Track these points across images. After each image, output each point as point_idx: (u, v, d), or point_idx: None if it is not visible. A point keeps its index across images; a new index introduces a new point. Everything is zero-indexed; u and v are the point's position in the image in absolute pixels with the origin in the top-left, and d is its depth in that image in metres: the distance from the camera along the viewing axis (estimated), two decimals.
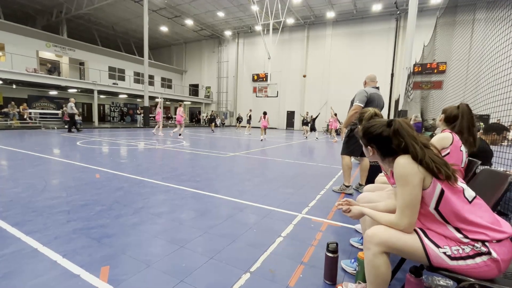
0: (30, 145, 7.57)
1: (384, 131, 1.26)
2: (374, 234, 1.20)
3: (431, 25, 14.53)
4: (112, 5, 19.54)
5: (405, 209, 1.15)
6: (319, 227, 2.49)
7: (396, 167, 1.17)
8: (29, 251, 1.85)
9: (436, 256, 1.11)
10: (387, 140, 1.24)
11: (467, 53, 5.73)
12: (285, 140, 12.38)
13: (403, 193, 1.15)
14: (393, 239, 1.16)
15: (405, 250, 1.16)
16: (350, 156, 3.72)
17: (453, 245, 1.11)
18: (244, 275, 1.67)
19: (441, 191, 1.12)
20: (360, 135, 1.38)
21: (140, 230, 2.25)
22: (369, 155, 1.38)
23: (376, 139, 1.29)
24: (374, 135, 1.29)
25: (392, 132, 1.23)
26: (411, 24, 6.02)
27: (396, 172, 1.17)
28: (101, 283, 1.53)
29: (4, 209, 2.61)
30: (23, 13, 20.85)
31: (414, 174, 1.12)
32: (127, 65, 24.70)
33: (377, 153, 1.32)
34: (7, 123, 14.59)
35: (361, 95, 3.47)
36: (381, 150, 1.30)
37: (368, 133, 1.32)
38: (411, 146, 1.17)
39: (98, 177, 4.05)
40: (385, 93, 19.44)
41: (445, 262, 1.10)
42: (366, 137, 1.34)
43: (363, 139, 1.37)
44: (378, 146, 1.30)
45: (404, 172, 1.14)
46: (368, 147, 1.35)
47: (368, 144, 1.35)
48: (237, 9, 21.03)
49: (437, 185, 1.12)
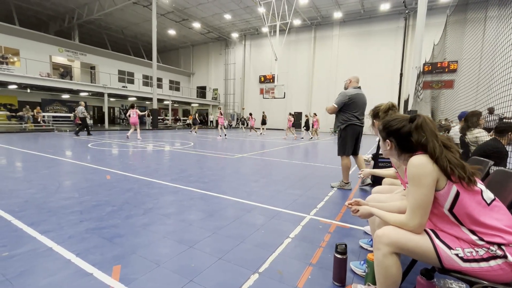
0: (43, 147, 7.80)
1: (406, 125, 1.24)
2: (384, 234, 1.19)
3: (441, 23, 14.25)
4: (121, 10, 19.97)
5: (416, 210, 1.13)
6: (327, 228, 2.47)
7: (410, 166, 1.15)
8: (44, 250, 1.90)
9: (448, 258, 1.09)
10: (408, 135, 1.23)
11: (479, 51, 5.61)
12: (291, 141, 12.35)
13: (415, 193, 1.13)
14: (403, 240, 1.15)
15: (416, 251, 1.15)
16: (347, 156, 3.91)
17: (466, 247, 1.09)
18: (252, 276, 1.67)
19: (457, 193, 1.09)
20: (380, 128, 1.36)
21: (150, 231, 2.29)
22: (385, 149, 1.35)
23: (396, 133, 1.27)
24: (395, 129, 1.27)
25: (414, 127, 1.21)
26: (421, 23, 5.92)
27: (409, 172, 1.16)
28: (113, 282, 1.56)
29: (20, 209, 2.70)
30: (37, 19, 21.56)
31: (428, 174, 1.10)
32: (136, 68, 25.17)
33: (395, 148, 1.30)
34: (22, 126, 15.06)
35: (342, 95, 3.76)
36: (399, 145, 1.28)
37: (389, 126, 1.30)
38: (431, 142, 1.15)
39: (109, 178, 4.14)
40: (394, 93, 19.17)
41: (458, 264, 1.07)
42: (386, 130, 1.31)
43: (382, 133, 1.35)
44: (397, 140, 1.28)
45: (418, 172, 1.13)
46: (387, 141, 1.32)
47: (387, 138, 1.32)
48: (243, 11, 21.15)
49: (453, 187, 1.10)
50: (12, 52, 17.39)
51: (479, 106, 4.01)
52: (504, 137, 2.73)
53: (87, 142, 9.57)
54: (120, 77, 23.44)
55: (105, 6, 18.83)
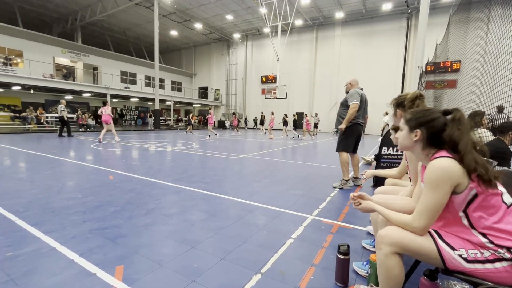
0: (46, 148, 7.85)
1: (440, 117, 1.19)
2: (387, 234, 1.18)
3: (443, 23, 14.18)
4: (124, 11, 20.08)
5: (425, 213, 1.11)
6: (330, 229, 2.47)
7: (432, 169, 1.11)
8: (47, 250, 1.92)
9: (451, 259, 1.08)
10: (441, 128, 1.17)
11: (483, 51, 5.57)
12: (293, 142, 12.33)
13: (429, 196, 1.10)
14: (406, 240, 1.14)
15: (419, 252, 1.14)
16: (347, 152, 4.01)
17: (470, 248, 1.08)
18: (255, 276, 1.67)
19: (475, 195, 1.06)
20: (409, 117, 1.27)
21: (152, 231, 2.29)
22: (409, 140, 1.25)
23: (429, 124, 1.20)
24: (428, 120, 1.20)
25: (451, 120, 1.16)
26: (423, 23, 5.89)
27: (429, 174, 1.11)
28: (116, 282, 1.57)
29: (24, 209, 2.72)
30: (40, 21, 21.73)
31: (447, 180, 1.07)
32: (138, 69, 25.29)
33: (422, 140, 1.21)
34: (25, 126, 15.17)
35: (357, 95, 3.81)
36: (429, 137, 1.20)
37: (423, 115, 1.22)
38: (465, 139, 1.10)
39: (112, 178, 4.16)
40: (396, 93, 19.02)
41: (461, 265, 1.07)
42: (419, 119, 1.23)
43: (411, 121, 1.25)
44: (428, 132, 1.20)
45: (438, 176, 1.08)
46: (416, 131, 1.22)
47: (416, 128, 1.23)
48: (245, 12, 21.18)
49: (473, 190, 1.06)
50: (16, 54, 17.55)
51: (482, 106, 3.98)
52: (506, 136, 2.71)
53: (90, 142, 9.61)
54: (122, 78, 23.57)
55: (107, 8, 18.94)
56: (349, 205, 3.19)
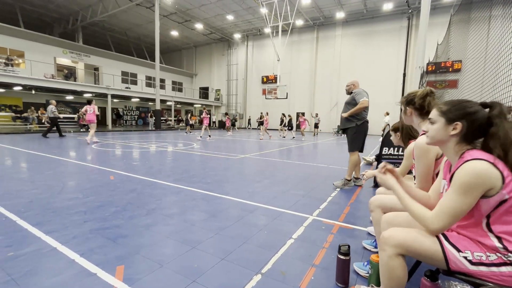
0: (48, 148, 7.87)
1: (481, 110, 1.10)
2: (391, 236, 1.17)
3: (444, 23, 14.15)
4: (125, 12, 20.11)
5: (448, 215, 1.05)
6: (330, 229, 2.47)
7: (466, 172, 1.02)
8: (48, 250, 1.92)
9: (455, 260, 1.07)
10: (482, 122, 1.09)
11: (484, 51, 5.55)
12: (294, 142, 12.32)
13: (455, 199, 1.04)
14: (410, 242, 1.13)
15: (423, 253, 1.13)
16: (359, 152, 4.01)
17: (476, 250, 1.06)
18: (255, 277, 1.67)
19: (504, 200, 1.00)
20: (446, 108, 1.16)
21: (153, 231, 2.30)
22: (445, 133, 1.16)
23: (470, 117, 1.10)
24: (470, 112, 1.10)
25: (497, 115, 1.06)
26: (424, 23, 5.88)
27: (462, 177, 1.03)
28: (117, 282, 1.57)
29: (25, 209, 2.73)
30: (41, 21, 21.80)
31: (480, 186, 1.00)
32: (139, 70, 25.33)
33: (460, 134, 1.12)
34: (27, 127, 15.21)
35: (365, 93, 3.84)
36: (469, 131, 1.11)
37: (464, 107, 1.12)
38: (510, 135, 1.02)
39: (112, 178, 4.17)
40: (397, 93, 19.05)
41: (465, 267, 1.06)
42: (459, 111, 1.12)
43: (448, 113, 1.15)
44: (468, 125, 1.10)
45: (470, 180, 1.00)
46: (456, 123, 1.12)
47: (456, 120, 1.12)
48: (246, 12, 21.18)
49: (504, 195, 1.00)
50: (17, 54, 17.60)
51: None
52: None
53: (91, 142, 9.63)
54: (123, 78, 23.61)
55: (108, 8, 18.98)
56: (350, 206, 3.19)
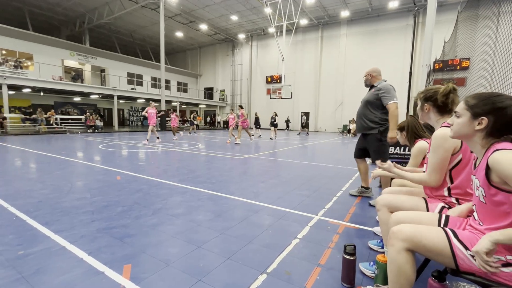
0: (56, 149, 8.01)
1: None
2: (400, 230, 1.17)
3: (451, 20, 13.93)
4: (130, 14, 20.34)
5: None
6: (336, 229, 2.45)
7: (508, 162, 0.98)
8: (57, 249, 1.96)
9: (464, 258, 1.06)
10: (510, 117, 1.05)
11: (493, 48, 5.46)
12: (299, 141, 12.29)
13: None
14: (419, 236, 1.13)
15: (431, 249, 1.11)
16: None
17: None
18: (260, 276, 1.68)
19: None
20: (473, 103, 1.13)
21: (159, 231, 2.32)
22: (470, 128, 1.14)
23: (499, 112, 1.06)
24: (499, 107, 1.06)
25: None
26: (430, 20, 5.80)
27: (503, 167, 0.98)
28: (124, 281, 1.59)
29: (35, 209, 2.78)
30: (49, 24, 22.18)
31: None
32: (145, 71, 25.58)
33: (486, 128, 1.10)
34: (36, 128, 15.49)
35: (393, 91, 3.17)
36: (495, 126, 1.08)
37: (492, 102, 1.08)
38: None
39: (119, 179, 4.22)
40: (404, 91, 18.82)
41: (474, 265, 1.04)
42: (487, 106, 1.09)
43: (475, 108, 1.12)
44: (496, 120, 1.07)
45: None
46: (482, 118, 1.09)
47: (483, 115, 1.09)
48: (250, 12, 21.19)
49: None
50: (26, 57, 17.95)
51: None
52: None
53: (98, 143, 9.77)
54: (129, 80, 23.89)
55: (114, 10, 19.22)
56: (355, 206, 3.17)
